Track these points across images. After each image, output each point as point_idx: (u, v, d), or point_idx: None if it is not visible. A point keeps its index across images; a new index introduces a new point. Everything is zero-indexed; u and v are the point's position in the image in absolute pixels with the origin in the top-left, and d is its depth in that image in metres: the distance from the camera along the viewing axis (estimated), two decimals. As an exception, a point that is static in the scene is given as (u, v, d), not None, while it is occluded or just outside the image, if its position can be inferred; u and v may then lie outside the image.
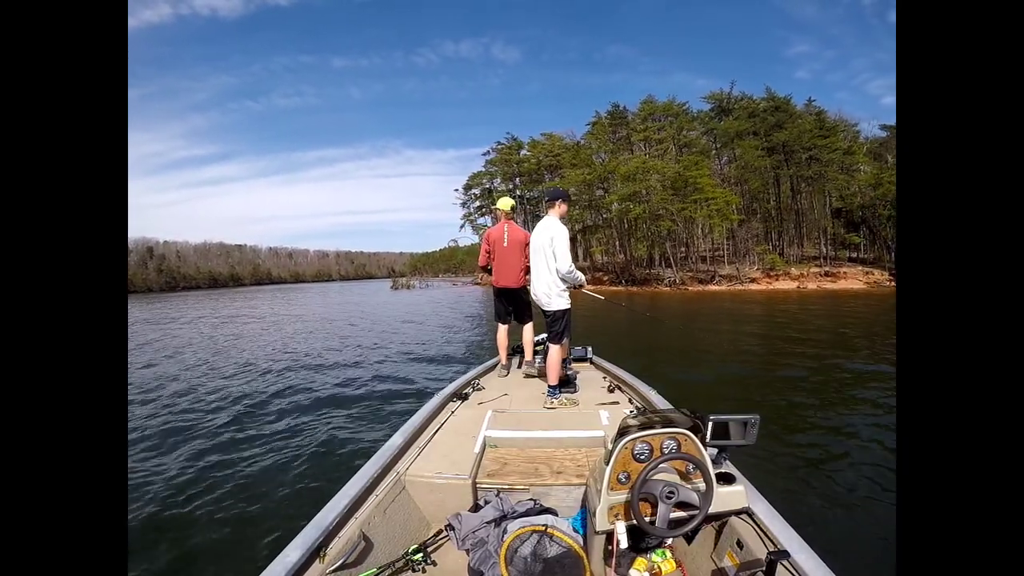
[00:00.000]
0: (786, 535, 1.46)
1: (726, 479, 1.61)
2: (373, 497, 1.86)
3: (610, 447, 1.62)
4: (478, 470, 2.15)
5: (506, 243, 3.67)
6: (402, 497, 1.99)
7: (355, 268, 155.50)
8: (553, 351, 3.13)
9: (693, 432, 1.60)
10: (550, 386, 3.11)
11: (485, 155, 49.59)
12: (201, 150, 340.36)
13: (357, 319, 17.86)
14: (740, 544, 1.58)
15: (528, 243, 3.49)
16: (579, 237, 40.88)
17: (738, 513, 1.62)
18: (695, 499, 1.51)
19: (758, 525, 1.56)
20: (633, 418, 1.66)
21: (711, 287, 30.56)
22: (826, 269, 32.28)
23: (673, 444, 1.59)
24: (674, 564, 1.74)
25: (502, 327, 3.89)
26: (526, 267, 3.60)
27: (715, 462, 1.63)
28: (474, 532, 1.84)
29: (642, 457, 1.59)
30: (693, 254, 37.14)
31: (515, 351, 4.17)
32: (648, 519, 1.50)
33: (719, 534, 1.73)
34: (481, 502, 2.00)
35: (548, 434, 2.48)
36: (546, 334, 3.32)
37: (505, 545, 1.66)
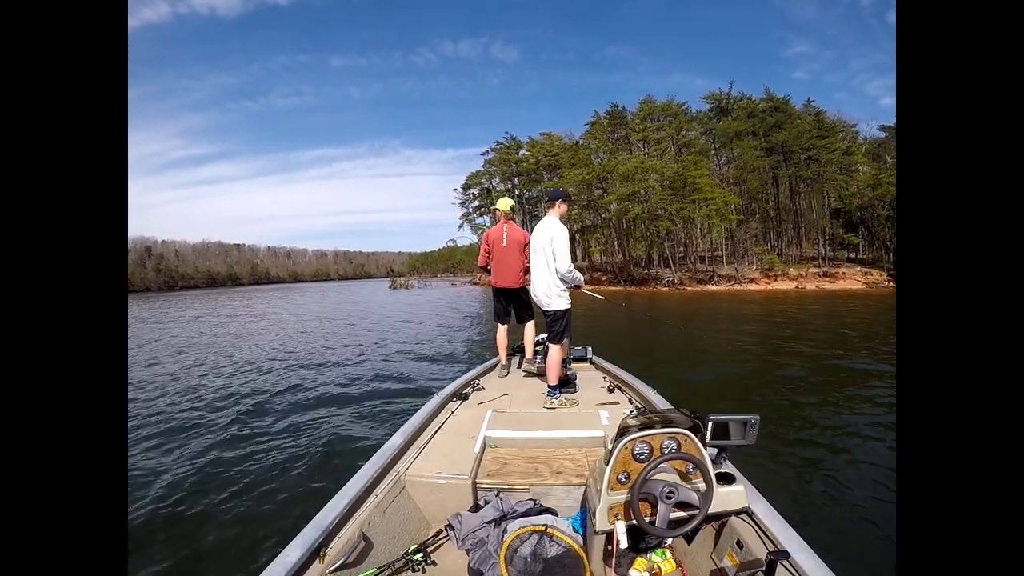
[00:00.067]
0: (786, 535, 1.46)
1: (726, 479, 1.61)
2: (373, 497, 1.86)
3: (610, 447, 1.62)
4: (478, 470, 2.15)
5: (505, 243, 3.67)
6: (402, 497, 1.99)
7: (353, 268, 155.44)
8: (553, 351, 3.13)
9: (693, 432, 1.60)
10: (550, 386, 3.11)
11: (484, 155, 49.63)
12: (199, 149, 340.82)
13: (356, 319, 17.84)
14: (740, 544, 1.59)
15: (527, 243, 3.49)
16: (577, 237, 40.87)
17: (738, 513, 1.62)
18: (695, 499, 1.51)
19: (758, 525, 1.56)
20: (633, 418, 1.66)
21: (710, 287, 30.58)
22: (824, 269, 32.29)
23: (673, 444, 1.59)
24: (674, 564, 1.74)
25: (501, 327, 3.89)
26: (525, 267, 3.60)
27: (715, 462, 1.63)
28: (474, 532, 1.84)
29: (642, 457, 1.59)
30: (692, 254, 37.14)
31: (515, 351, 4.17)
32: (648, 519, 1.50)
33: (719, 534, 1.73)
34: (481, 502, 2.00)
35: (548, 434, 2.48)
36: (546, 334, 3.32)
37: (505, 545, 1.66)
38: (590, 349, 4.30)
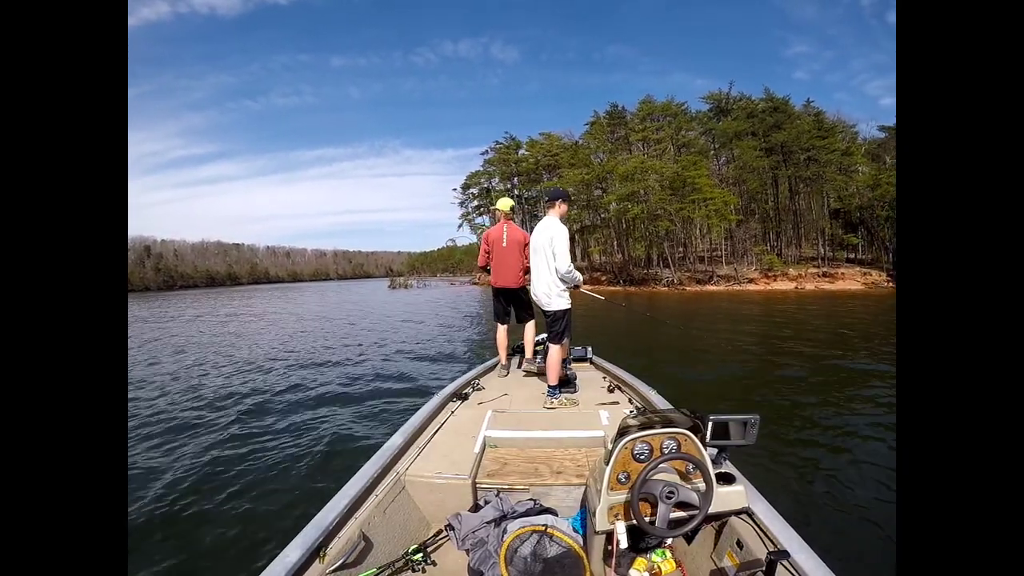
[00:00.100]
0: (786, 535, 1.46)
1: (726, 479, 1.61)
2: (373, 497, 1.86)
3: (610, 447, 1.62)
4: (478, 470, 2.15)
5: (505, 243, 3.67)
6: (402, 497, 1.99)
7: (353, 267, 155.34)
8: (553, 351, 3.13)
9: (693, 432, 1.60)
10: (550, 386, 3.11)
11: (483, 155, 49.67)
12: (199, 149, 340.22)
13: (356, 318, 17.83)
14: (740, 544, 1.59)
15: (527, 243, 3.49)
16: (577, 237, 40.87)
17: (738, 513, 1.62)
18: (695, 499, 1.51)
19: (758, 525, 1.56)
20: (633, 418, 1.66)
21: (709, 287, 30.59)
22: (824, 270, 32.29)
23: (673, 444, 1.59)
24: (674, 564, 1.74)
25: (501, 327, 3.89)
26: (525, 267, 3.61)
27: (715, 462, 1.63)
28: (474, 532, 1.84)
29: (642, 457, 1.59)
30: (691, 254, 37.16)
31: (515, 351, 4.17)
32: (648, 519, 1.50)
33: (719, 534, 1.73)
34: (481, 502, 2.00)
35: (548, 434, 2.48)
36: (546, 334, 3.32)
37: (505, 545, 1.66)
38: (590, 349, 4.30)
